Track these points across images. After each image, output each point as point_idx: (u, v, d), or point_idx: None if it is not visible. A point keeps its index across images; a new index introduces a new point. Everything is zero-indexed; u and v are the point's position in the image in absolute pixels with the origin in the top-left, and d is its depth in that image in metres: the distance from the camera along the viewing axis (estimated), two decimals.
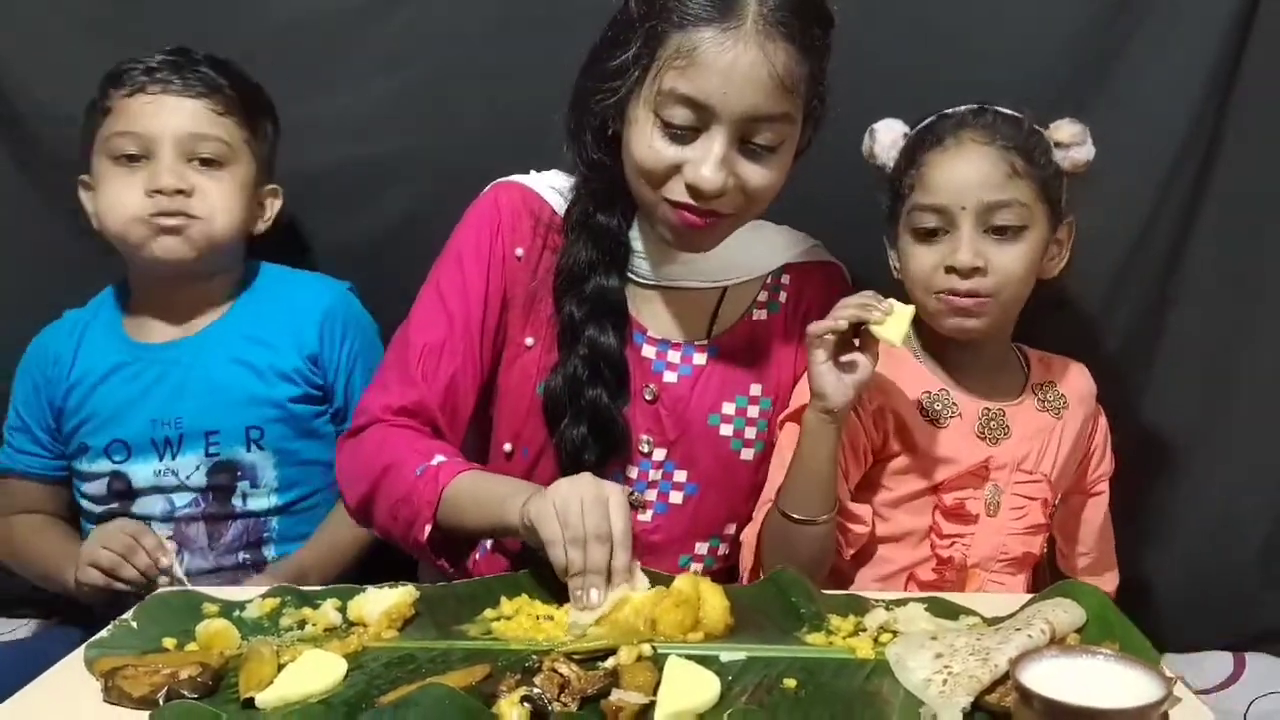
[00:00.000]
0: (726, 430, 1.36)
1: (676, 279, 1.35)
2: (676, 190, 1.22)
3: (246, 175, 1.47)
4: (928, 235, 1.30)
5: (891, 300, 1.23)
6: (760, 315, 1.39)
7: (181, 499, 1.46)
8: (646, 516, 1.35)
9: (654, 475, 1.35)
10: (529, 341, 1.33)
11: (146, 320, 1.51)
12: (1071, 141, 1.31)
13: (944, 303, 1.29)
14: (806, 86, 1.21)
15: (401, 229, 1.61)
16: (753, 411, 1.37)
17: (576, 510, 1.07)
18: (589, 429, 1.29)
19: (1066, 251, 1.36)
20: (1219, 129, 1.60)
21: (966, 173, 1.27)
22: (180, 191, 1.41)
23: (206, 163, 1.43)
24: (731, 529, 1.38)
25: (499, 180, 1.38)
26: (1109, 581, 1.44)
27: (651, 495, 1.35)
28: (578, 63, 1.30)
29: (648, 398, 1.34)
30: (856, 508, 1.32)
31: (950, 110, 1.33)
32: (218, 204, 1.44)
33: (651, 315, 1.36)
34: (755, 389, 1.38)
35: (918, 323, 1.33)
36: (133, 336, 1.50)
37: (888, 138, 1.37)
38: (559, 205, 1.35)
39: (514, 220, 1.34)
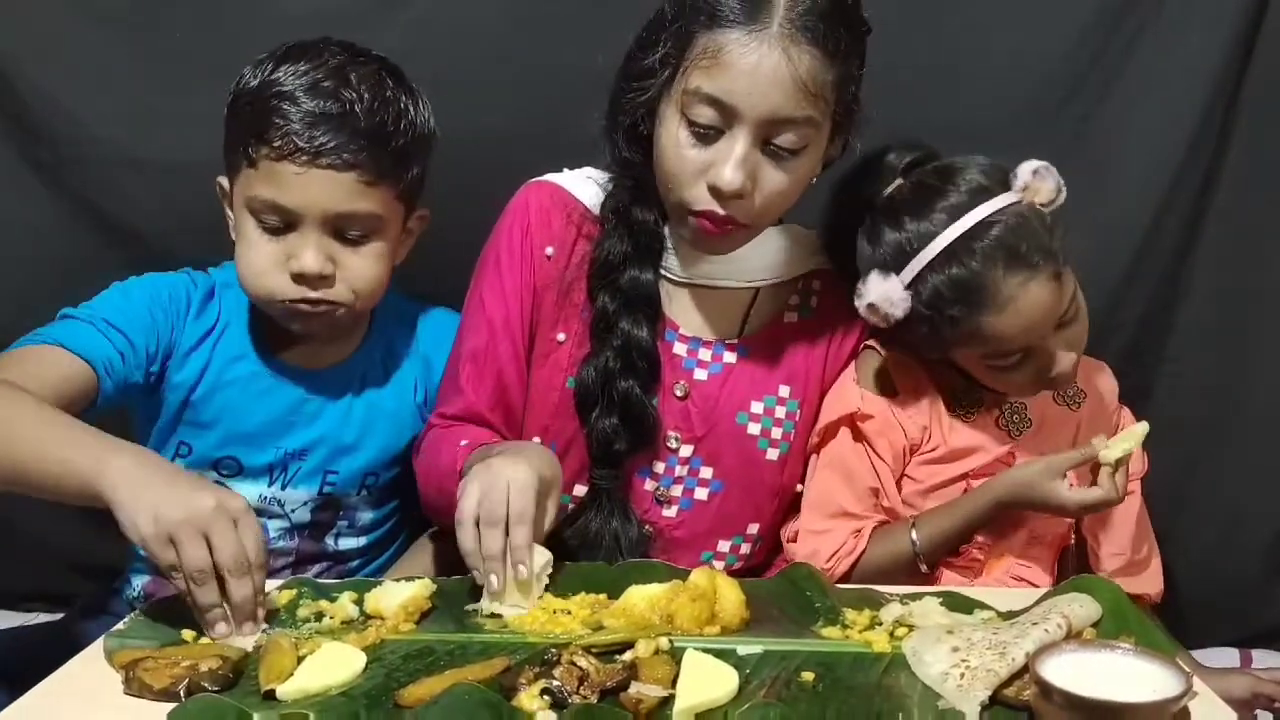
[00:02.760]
0: (754, 429, 1.37)
1: (709, 278, 1.36)
2: (699, 197, 1.23)
3: (395, 232, 1.34)
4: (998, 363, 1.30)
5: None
6: (792, 318, 1.40)
7: (277, 526, 1.38)
8: (672, 512, 1.36)
9: (680, 471, 1.36)
10: (560, 337, 1.34)
11: (283, 338, 1.37)
12: (1055, 204, 1.26)
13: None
14: (833, 92, 1.21)
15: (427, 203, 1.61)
16: (780, 412, 1.38)
17: (475, 496, 1.08)
18: (620, 419, 1.30)
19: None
20: (1229, 125, 1.61)
21: (1036, 312, 1.24)
22: (323, 278, 1.28)
23: (351, 235, 1.30)
24: (754, 528, 1.38)
25: (531, 180, 1.39)
26: (1148, 581, 1.42)
27: (677, 491, 1.36)
28: (590, 55, 1.31)
29: (678, 394, 1.35)
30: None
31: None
32: (363, 282, 1.31)
33: (684, 313, 1.37)
34: (784, 390, 1.38)
35: None
36: (270, 348, 1.38)
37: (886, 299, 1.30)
38: (591, 198, 1.36)
39: (543, 218, 1.35)
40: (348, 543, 1.43)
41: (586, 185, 1.37)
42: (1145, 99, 1.59)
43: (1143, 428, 1.26)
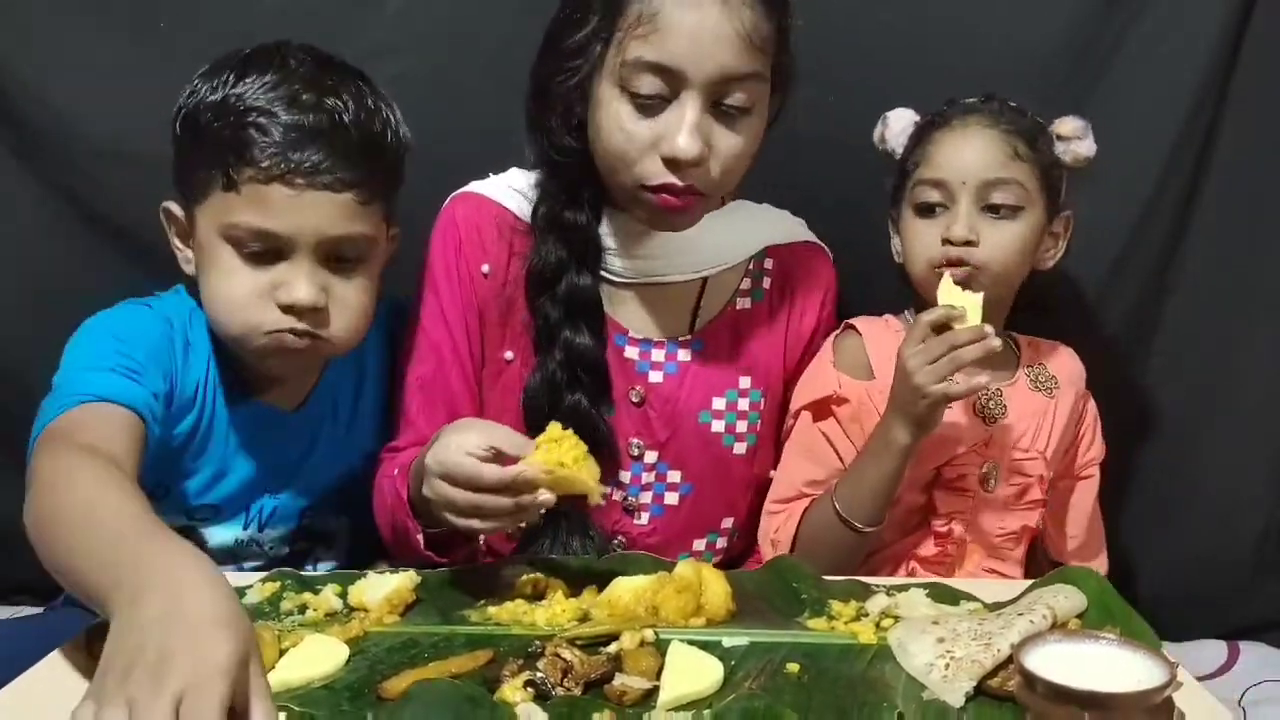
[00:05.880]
0: (718, 426, 1.33)
1: (653, 274, 1.30)
2: (652, 171, 1.17)
3: (381, 256, 1.24)
4: (928, 210, 1.32)
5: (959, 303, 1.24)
6: (744, 304, 1.35)
7: (253, 564, 1.32)
8: (643, 520, 1.33)
9: (647, 478, 1.32)
10: (508, 356, 1.29)
11: (246, 369, 1.26)
12: (1073, 135, 1.33)
13: (939, 275, 1.30)
14: (774, 44, 1.18)
15: (402, 217, 1.58)
16: (743, 404, 1.34)
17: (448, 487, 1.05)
18: None
19: (1063, 245, 1.37)
20: (1216, 120, 1.61)
21: (970, 150, 1.30)
22: (316, 309, 1.17)
23: (343, 261, 1.19)
24: (729, 523, 1.37)
25: (456, 193, 1.33)
26: (1098, 567, 1.44)
27: (646, 498, 1.32)
28: None
29: (634, 400, 1.31)
30: None
31: (961, 100, 1.36)
32: (353, 315, 1.20)
33: (631, 315, 1.32)
34: (744, 381, 1.34)
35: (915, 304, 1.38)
36: (236, 388, 1.27)
37: (898, 125, 1.39)
38: (521, 208, 1.30)
39: (474, 235, 1.29)
40: (326, 565, 1.36)
41: (511, 195, 1.30)
42: (1133, 94, 1.59)
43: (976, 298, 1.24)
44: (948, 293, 1.25)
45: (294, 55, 1.19)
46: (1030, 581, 1.12)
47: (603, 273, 1.29)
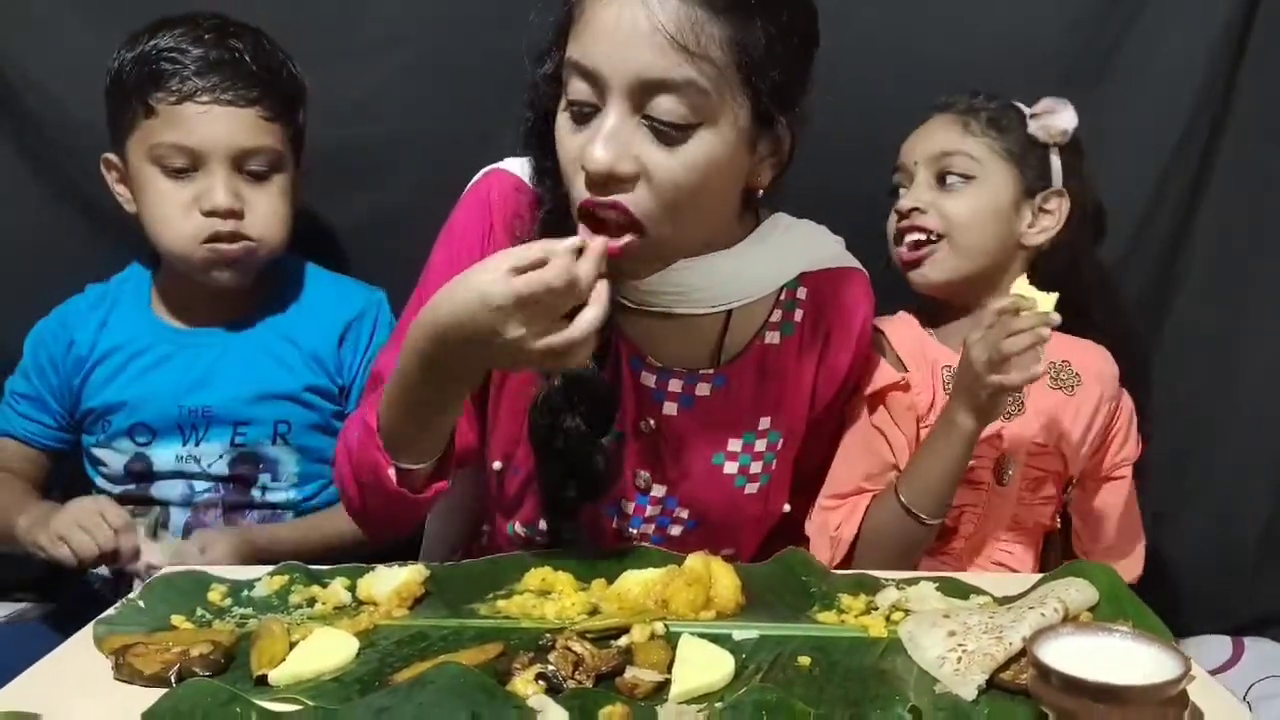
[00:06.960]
0: (731, 468, 1.25)
1: (668, 306, 1.18)
2: (580, 191, 1.06)
3: (292, 174, 1.44)
4: (894, 193, 1.40)
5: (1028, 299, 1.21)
6: (773, 338, 1.24)
7: (201, 485, 1.45)
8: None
9: (652, 511, 1.25)
10: None
11: (178, 304, 1.48)
12: (1043, 111, 1.36)
13: (899, 254, 1.38)
14: (728, 54, 1.02)
15: (404, 210, 1.59)
16: (760, 446, 1.26)
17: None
18: (567, 462, 1.17)
19: (1057, 223, 1.37)
20: (1218, 119, 1.61)
21: (926, 135, 1.38)
22: (234, 212, 1.37)
23: (255, 172, 1.39)
24: (727, 552, 1.26)
25: (493, 166, 1.25)
26: (1129, 568, 1.42)
27: (648, 529, 1.26)
28: None
29: (645, 431, 1.23)
30: None
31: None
32: (271, 220, 1.40)
33: (651, 341, 1.22)
34: (764, 422, 1.25)
35: (931, 300, 1.40)
36: (162, 318, 1.48)
37: None
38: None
39: (506, 221, 1.19)
40: (276, 495, 1.47)
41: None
42: (1133, 93, 1.59)
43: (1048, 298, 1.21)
44: (1021, 288, 1.22)
45: (201, 16, 1.41)
46: (1040, 575, 1.12)
47: (621, 297, 1.16)
